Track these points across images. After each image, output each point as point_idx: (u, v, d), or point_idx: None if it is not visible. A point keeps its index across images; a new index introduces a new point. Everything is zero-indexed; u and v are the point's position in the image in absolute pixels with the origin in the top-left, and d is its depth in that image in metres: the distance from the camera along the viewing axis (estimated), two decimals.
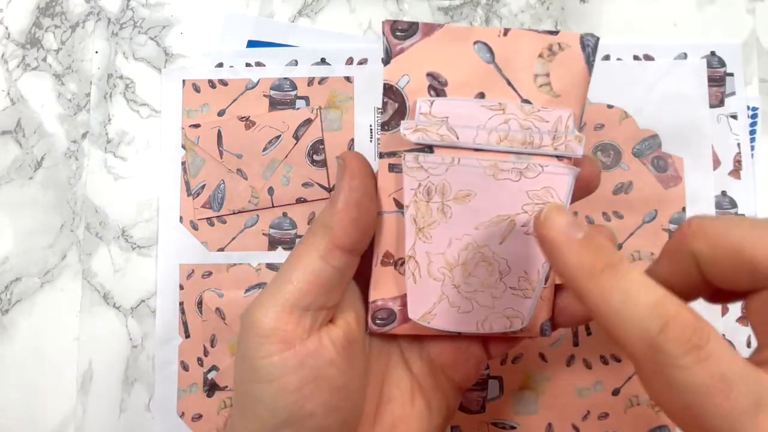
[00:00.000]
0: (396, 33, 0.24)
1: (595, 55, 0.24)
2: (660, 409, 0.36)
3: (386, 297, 0.25)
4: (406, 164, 0.24)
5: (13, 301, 0.38)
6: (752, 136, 0.38)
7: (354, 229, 0.23)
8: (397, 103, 0.24)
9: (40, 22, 0.40)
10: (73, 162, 0.39)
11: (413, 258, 0.24)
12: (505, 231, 0.24)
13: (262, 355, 0.22)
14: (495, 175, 0.23)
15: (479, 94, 0.24)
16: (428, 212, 0.24)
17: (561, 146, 0.24)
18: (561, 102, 0.24)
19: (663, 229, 0.37)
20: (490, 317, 0.25)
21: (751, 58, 0.38)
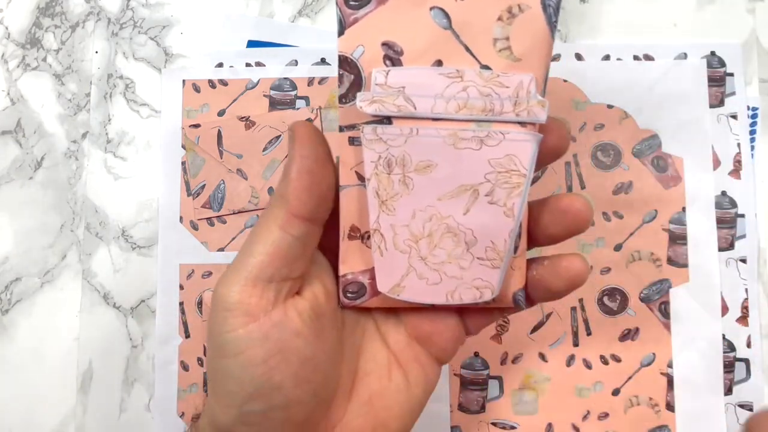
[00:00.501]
0: (349, 2, 0.23)
1: (557, 16, 0.23)
2: (660, 409, 0.36)
3: (355, 270, 0.25)
4: (365, 137, 0.23)
5: (13, 301, 0.38)
6: (752, 136, 0.38)
7: (308, 196, 0.23)
8: (353, 74, 0.23)
9: (40, 22, 0.40)
10: (73, 162, 0.39)
11: (378, 231, 0.24)
12: (469, 201, 0.23)
13: (227, 329, 0.22)
14: (455, 145, 0.23)
15: (436, 62, 0.23)
16: (390, 184, 0.24)
17: (523, 112, 0.23)
18: (522, 66, 0.23)
19: (663, 229, 0.37)
20: (459, 288, 0.24)
21: (751, 58, 0.38)
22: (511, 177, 0.23)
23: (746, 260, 0.37)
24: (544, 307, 0.37)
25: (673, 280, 0.37)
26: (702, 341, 0.37)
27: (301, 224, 0.23)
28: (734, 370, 0.37)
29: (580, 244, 0.37)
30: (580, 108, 0.38)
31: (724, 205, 0.37)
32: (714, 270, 0.37)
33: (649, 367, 0.37)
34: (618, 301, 0.37)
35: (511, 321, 0.37)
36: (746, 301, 0.37)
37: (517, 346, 0.37)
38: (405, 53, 0.23)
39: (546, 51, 0.23)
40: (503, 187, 0.23)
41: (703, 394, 0.36)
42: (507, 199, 0.23)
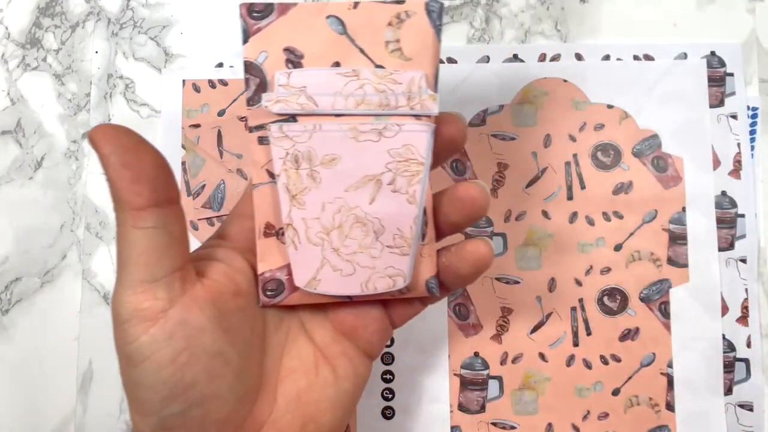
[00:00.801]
0: (252, 14, 0.25)
1: (441, 20, 0.25)
2: (660, 409, 0.36)
3: (273, 268, 0.26)
4: (272, 135, 0.25)
5: (13, 301, 0.38)
6: (752, 136, 0.38)
7: (138, 185, 0.22)
8: (258, 78, 0.25)
9: (40, 22, 0.40)
10: (73, 162, 0.39)
11: (291, 225, 0.25)
12: (374, 190, 0.25)
13: (129, 340, 0.22)
14: (356, 138, 0.25)
15: (334, 64, 0.25)
16: (299, 179, 0.25)
17: (416, 105, 0.25)
18: (413, 64, 0.25)
19: (663, 229, 0.37)
20: (372, 277, 0.25)
21: (751, 58, 0.38)
22: (410, 165, 0.25)
23: (746, 260, 0.37)
24: (544, 307, 0.37)
25: (673, 280, 0.37)
26: (702, 341, 0.37)
27: (150, 213, 0.23)
28: (734, 370, 0.37)
29: (581, 245, 0.37)
30: (580, 108, 0.38)
31: (724, 205, 0.37)
32: (714, 270, 0.37)
33: (649, 367, 0.37)
34: (618, 301, 0.37)
35: (511, 321, 0.37)
36: (746, 301, 0.37)
37: (517, 346, 0.37)
38: (305, 57, 0.25)
39: (433, 50, 0.25)
40: (404, 175, 0.25)
41: (703, 394, 0.36)
42: (408, 186, 0.25)
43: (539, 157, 0.38)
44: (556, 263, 0.37)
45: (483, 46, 0.39)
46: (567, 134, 0.38)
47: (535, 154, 0.38)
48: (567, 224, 0.37)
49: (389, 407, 0.37)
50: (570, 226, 0.37)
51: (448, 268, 0.26)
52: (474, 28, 0.39)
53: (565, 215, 0.37)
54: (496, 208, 0.37)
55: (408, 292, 0.26)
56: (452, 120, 0.26)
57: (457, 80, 0.38)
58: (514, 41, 0.39)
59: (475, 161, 0.38)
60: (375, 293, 0.26)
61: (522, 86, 0.38)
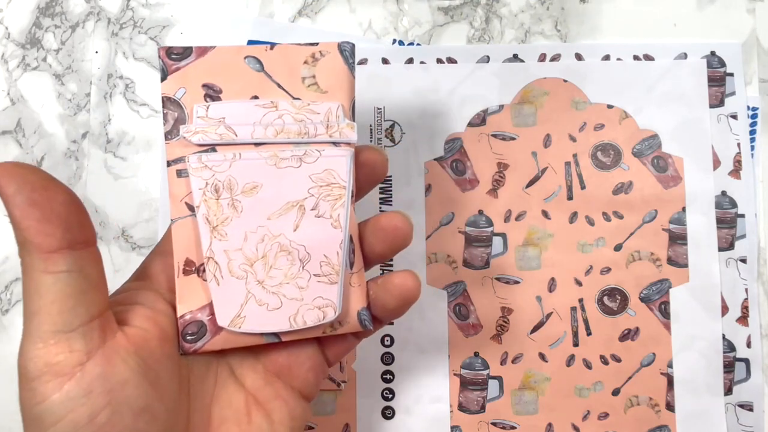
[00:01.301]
0: (171, 56, 0.25)
1: (353, 58, 0.26)
2: (660, 409, 0.36)
3: (194, 309, 0.24)
4: (191, 166, 0.24)
5: (13, 301, 0.38)
6: (752, 136, 0.38)
7: (48, 225, 0.20)
8: (176, 112, 0.25)
9: (40, 22, 0.40)
10: (73, 162, 0.39)
11: (212, 259, 0.24)
12: (297, 217, 0.25)
13: (39, 399, 0.20)
14: (277, 164, 0.25)
15: (253, 97, 0.25)
16: (219, 209, 0.24)
17: (335, 133, 0.25)
18: (329, 97, 0.26)
19: (663, 229, 0.37)
20: (300, 310, 0.25)
21: (751, 58, 0.38)
22: (333, 189, 0.25)
23: (746, 260, 0.37)
24: (544, 307, 0.37)
25: (673, 280, 0.37)
26: (702, 341, 0.37)
27: (64, 256, 0.20)
28: (734, 370, 0.37)
29: (581, 245, 0.37)
30: (580, 108, 0.38)
31: (724, 205, 0.37)
32: (714, 270, 0.37)
33: (649, 367, 0.37)
34: (618, 301, 0.37)
35: (511, 321, 0.37)
36: (746, 301, 0.37)
37: (517, 346, 0.37)
38: (224, 92, 0.25)
39: (348, 84, 0.26)
40: (327, 199, 0.25)
41: (703, 394, 0.36)
42: (332, 210, 0.25)
43: (539, 157, 0.38)
44: (556, 263, 0.37)
45: (483, 46, 0.39)
46: (567, 134, 0.38)
47: (535, 154, 0.38)
48: (567, 224, 0.37)
49: (389, 407, 0.37)
50: (570, 226, 0.37)
51: (374, 301, 0.26)
52: (474, 28, 0.39)
53: (565, 215, 0.37)
54: (496, 208, 0.38)
55: (340, 327, 0.25)
56: (371, 151, 0.26)
57: (457, 80, 0.38)
58: (514, 41, 0.39)
59: (475, 161, 0.38)
60: (305, 327, 0.25)
61: (522, 86, 0.38)
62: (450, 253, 0.37)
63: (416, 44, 0.39)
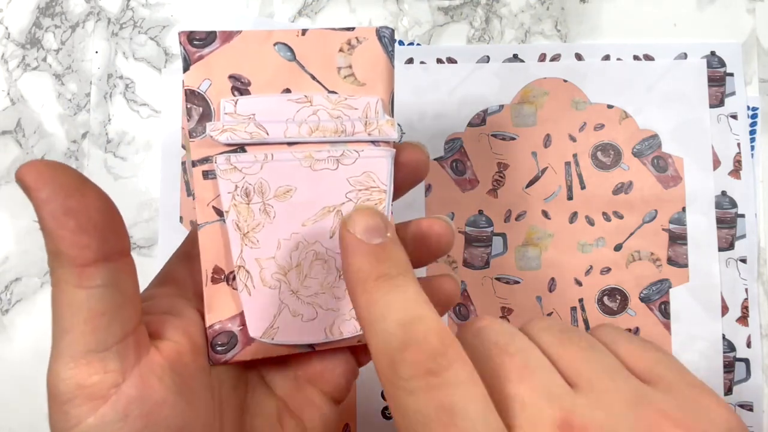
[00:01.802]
0: (194, 42, 0.23)
1: (393, 45, 0.24)
2: None
3: (224, 318, 0.23)
4: (219, 167, 0.23)
5: (13, 301, 0.38)
6: (752, 136, 0.38)
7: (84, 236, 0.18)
8: (201, 107, 0.23)
9: (40, 22, 0.40)
10: (73, 162, 0.39)
11: (243, 267, 0.23)
12: (334, 223, 0.23)
13: (73, 423, 0.19)
14: (312, 166, 0.23)
15: (285, 90, 0.23)
16: (250, 215, 0.23)
17: (374, 131, 0.23)
18: (367, 90, 0.24)
19: (663, 229, 0.37)
20: (337, 321, 0.23)
21: (751, 58, 0.38)
22: (372, 194, 0.23)
23: (746, 260, 0.37)
24: (544, 307, 0.37)
25: (673, 280, 0.37)
26: (702, 341, 0.37)
27: (99, 269, 0.19)
28: (734, 370, 0.37)
29: (581, 245, 0.37)
30: (580, 108, 0.38)
31: (724, 205, 0.37)
32: (714, 270, 0.37)
33: None
34: (618, 301, 0.37)
35: (511, 321, 0.37)
36: (746, 301, 0.37)
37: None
38: (252, 84, 0.23)
39: (387, 75, 0.24)
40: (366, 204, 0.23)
41: None
42: None
43: (539, 157, 0.38)
44: (556, 263, 0.37)
45: (483, 46, 0.39)
46: (567, 134, 0.38)
47: (535, 154, 0.38)
48: (567, 224, 0.37)
49: None
50: (570, 226, 0.37)
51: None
52: (474, 28, 0.39)
53: (565, 215, 0.37)
54: (496, 208, 0.37)
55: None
56: (413, 149, 0.25)
57: (457, 80, 0.38)
58: (514, 41, 0.39)
59: (475, 161, 0.38)
60: (341, 339, 0.23)
61: (522, 86, 0.38)
62: (450, 253, 0.37)
63: (416, 44, 0.39)
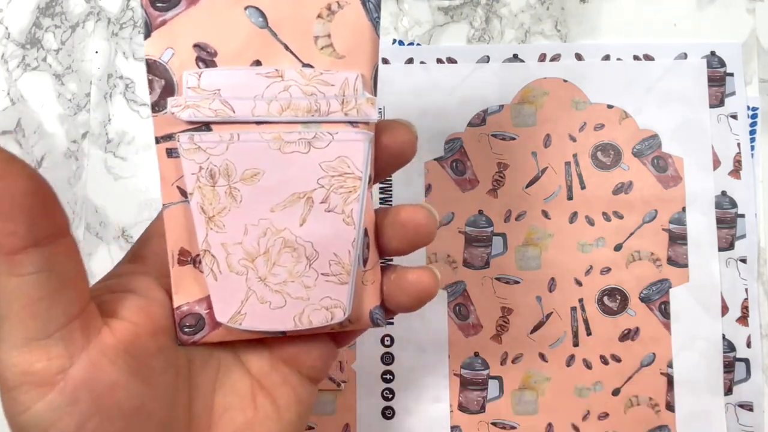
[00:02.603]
0: (156, 4, 0.21)
1: (379, 12, 0.22)
2: (660, 409, 0.36)
3: (191, 300, 0.22)
4: (182, 146, 0.21)
5: None
6: (752, 136, 0.38)
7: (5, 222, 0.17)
8: (163, 79, 0.21)
9: (40, 22, 0.40)
10: (73, 162, 0.39)
11: (209, 252, 0.22)
12: (304, 210, 0.22)
13: (21, 409, 0.18)
14: (281, 149, 0.22)
15: (254, 62, 0.22)
16: (215, 198, 0.22)
17: (352, 111, 0.22)
18: (347, 63, 0.22)
19: (663, 229, 0.37)
20: (306, 310, 0.23)
21: (751, 58, 0.38)
22: (346, 180, 0.22)
23: (746, 260, 0.37)
24: (544, 307, 0.37)
25: (673, 280, 0.37)
26: (702, 341, 0.37)
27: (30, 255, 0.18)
28: (734, 370, 0.37)
29: (581, 245, 0.37)
30: (580, 108, 0.38)
31: (724, 205, 0.37)
32: (714, 270, 0.37)
33: (649, 367, 0.37)
34: (618, 301, 0.37)
35: (511, 321, 0.37)
36: (746, 301, 0.37)
37: (517, 346, 0.37)
38: (219, 54, 0.21)
39: (370, 47, 0.22)
40: (339, 192, 0.22)
41: (703, 394, 0.36)
42: (344, 205, 0.22)
43: (539, 157, 0.38)
44: (556, 263, 0.37)
45: (483, 46, 0.39)
46: (567, 134, 0.38)
47: (535, 154, 0.38)
48: (567, 224, 0.37)
49: (389, 407, 0.37)
50: (570, 226, 0.37)
51: (388, 297, 0.24)
52: (474, 28, 0.39)
53: (565, 215, 0.37)
54: (496, 208, 0.37)
55: (350, 325, 0.23)
56: (400, 128, 0.23)
57: (457, 80, 0.38)
58: (514, 41, 0.39)
59: (475, 161, 0.38)
60: (310, 327, 0.23)
61: (522, 86, 0.38)
62: (450, 253, 0.37)
63: (416, 44, 0.39)
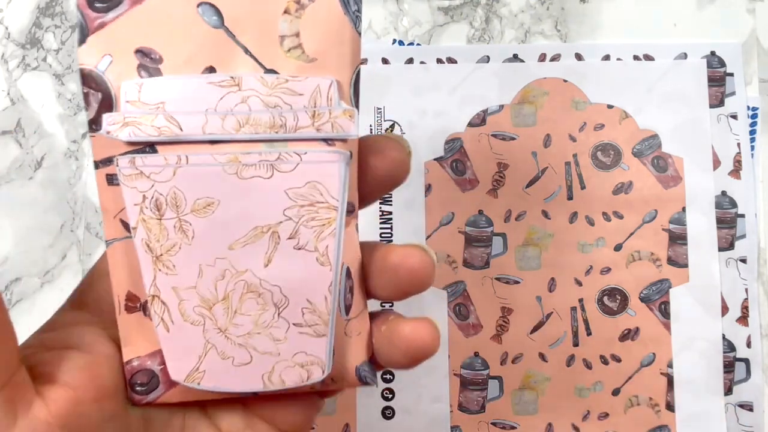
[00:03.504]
0: (94, 4, 0.18)
1: (359, 5, 0.18)
2: (660, 409, 0.36)
3: (142, 354, 0.19)
4: (122, 171, 0.18)
5: (13, 301, 0.38)
6: (752, 136, 0.38)
7: None
8: (99, 92, 0.18)
9: (40, 22, 0.40)
10: (73, 162, 0.39)
11: (158, 297, 0.19)
12: (269, 247, 0.18)
13: None
14: (239, 173, 0.18)
15: (207, 69, 0.18)
16: (163, 233, 0.18)
17: (326, 125, 0.18)
18: (318, 67, 0.18)
19: (663, 229, 0.37)
20: (277, 368, 0.19)
21: (751, 58, 0.38)
22: (318, 211, 0.18)
23: (746, 260, 0.37)
24: (544, 307, 0.37)
25: (673, 280, 0.37)
26: (702, 341, 0.37)
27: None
28: (734, 370, 0.37)
29: (581, 245, 0.37)
30: (580, 108, 0.38)
31: (724, 205, 0.37)
32: (714, 270, 0.37)
33: (649, 367, 0.37)
34: (618, 301, 0.37)
35: (511, 321, 0.37)
36: (746, 301, 0.37)
37: (517, 346, 0.37)
38: (165, 61, 0.18)
39: (348, 48, 0.19)
40: (310, 225, 0.18)
41: (703, 394, 0.36)
42: (317, 241, 0.19)
43: (539, 157, 0.38)
44: (556, 263, 0.37)
45: (483, 46, 0.39)
46: (567, 134, 0.38)
47: (535, 154, 0.38)
48: (567, 224, 0.37)
49: (389, 407, 0.37)
50: (570, 226, 0.37)
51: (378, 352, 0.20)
52: (474, 28, 0.39)
53: (565, 215, 0.37)
54: (496, 208, 0.37)
55: (333, 384, 0.20)
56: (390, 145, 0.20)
57: (457, 80, 0.38)
58: (514, 41, 0.39)
59: (475, 161, 0.38)
60: (283, 389, 0.19)
61: (522, 86, 0.38)
62: (450, 253, 0.37)
63: (416, 44, 0.39)
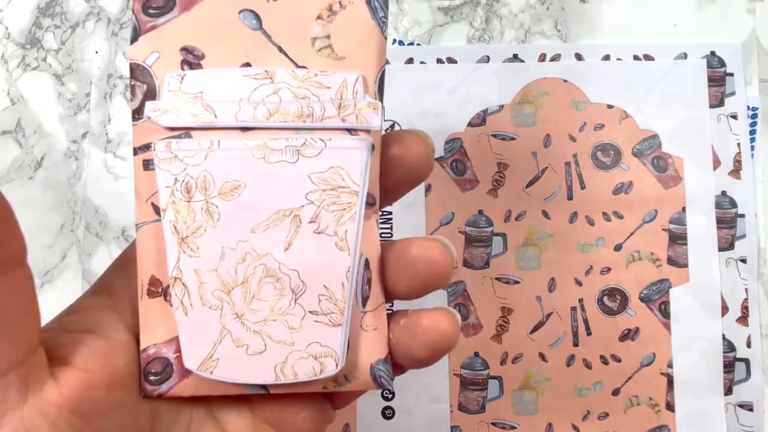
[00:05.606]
0: (149, 11, 0.19)
1: (386, 11, 0.20)
2: (660, 409, 0.36)
3: (159, 341, 0.19)
4: (157, 155, 0.19)
5: None
6: (752, 136, 0.38)
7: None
8: (145, 84, 0.19)
9: (40, 22, 0.40)
10: (73, 162, 0.39)
11: (179, 280, 0.19)
12: (290, 231, 0.19)
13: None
14: (266, 158, 0.19)
15: (244, 65, 0.20)
16: (190, 215, 0.19)
17: (350, 116, 0.19)
18: (346, 65, 0.20)
19: (663, 229, 0.37)
20: (290, 358, 0.19)
21: (751, 58, 0.38)
22: (340, 196, 0.19)
23: (746, 260, 0.37)
24: (544, 307, 0.37)
25: (673, 280, 0.37)
26: (702, 341, 0.37)
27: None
28: (734, 370, 0.37)
29: (581, 245, 0.37)
30: (580, 108, 0.38)
31: (724, 205, 0.37)
32: (714, 270, 0.37)
33: (649, 367, 0.37)
34: (618, 301, 0.37)
35: (511, 321, 0.37)
36: (746, 301, 0.37)
37: (517, 346, 0.37)
38: (207, 57, 0.19)
39: (374, 48, 0.20)
40: (331, 209, 0.19)
41: (703, 394, 0.36)
42: (337, 225, 0.19)
43: (539, 157, 0.38)
44: (556, 263, 0.37)
45: (483, 46, 0.39)
46: (567, 134, 0.38)
47: (535, 154, 0.38)
48: (567, 224, 0.37)
49: (389, 407, 0.37)
50: (570, 226, 0.37)
51: (396, 348, 0.20)
52: (474, 28, 0.39)
53: (565, 215, 0.37)
54: (496, 208, 0.37)
55: (346, 383, 0.20)
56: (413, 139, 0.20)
57: (457, 80, 0.38)
58: (514, 41, 0.39)
59: (475, 161, 0.38)
60: (295, 382, 0.19)
61: (522, 86, 0.38)
62: None
63: (416, 44, 0.39)
